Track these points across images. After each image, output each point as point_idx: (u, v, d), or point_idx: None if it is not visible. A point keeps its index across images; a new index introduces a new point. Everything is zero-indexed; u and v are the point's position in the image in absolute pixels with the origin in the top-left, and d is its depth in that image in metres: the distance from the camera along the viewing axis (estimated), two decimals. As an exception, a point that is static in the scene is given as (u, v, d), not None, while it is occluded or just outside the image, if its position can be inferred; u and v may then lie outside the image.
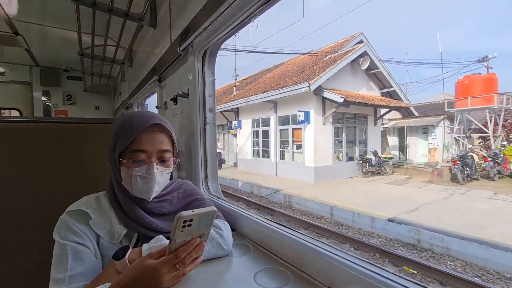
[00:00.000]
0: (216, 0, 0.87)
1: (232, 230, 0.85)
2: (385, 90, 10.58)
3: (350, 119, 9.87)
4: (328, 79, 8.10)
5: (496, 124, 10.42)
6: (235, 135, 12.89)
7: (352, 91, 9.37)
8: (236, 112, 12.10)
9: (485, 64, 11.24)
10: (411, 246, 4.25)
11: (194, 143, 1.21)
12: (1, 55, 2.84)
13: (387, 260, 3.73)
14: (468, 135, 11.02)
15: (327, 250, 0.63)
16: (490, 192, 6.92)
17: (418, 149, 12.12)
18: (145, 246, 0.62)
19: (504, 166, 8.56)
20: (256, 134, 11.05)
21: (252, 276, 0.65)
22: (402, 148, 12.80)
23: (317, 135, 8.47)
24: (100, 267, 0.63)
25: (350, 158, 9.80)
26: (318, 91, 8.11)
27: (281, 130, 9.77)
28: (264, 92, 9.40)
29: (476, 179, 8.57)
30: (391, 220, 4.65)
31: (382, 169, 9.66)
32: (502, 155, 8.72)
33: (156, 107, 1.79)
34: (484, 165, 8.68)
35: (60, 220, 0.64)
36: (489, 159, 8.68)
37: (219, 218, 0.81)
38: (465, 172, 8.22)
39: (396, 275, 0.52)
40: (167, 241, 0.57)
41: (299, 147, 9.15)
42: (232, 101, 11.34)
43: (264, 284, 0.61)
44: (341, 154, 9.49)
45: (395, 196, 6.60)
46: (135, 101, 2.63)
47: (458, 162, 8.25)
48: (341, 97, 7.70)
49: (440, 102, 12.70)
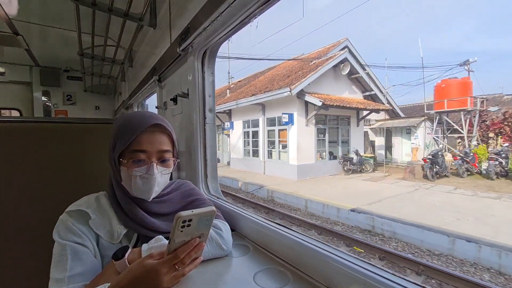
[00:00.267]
0: (216, 0, 0.87)
1: (232, 230, 0.85)
2: (367, 93, 11.19)
3: (333, 120, 10.57)
4: (309, 84, 8.76)
5: (471, 125, 11.00)
6: (228, 135, 13.31)
7: (334, 95, 10.09)
8: (229, 113, 12.57)
9: (466, 67, 11.84)
10: (367, 231, 4.90)
11: (194, 143, 1.21)
12: (1, 55, 2.85)
13: (342, 242, 4.32)
14: (445, 135, 11.68)
15: (327, 251, 0.63)
16: (451, 187, 7.56)
17: (402, 149, 12.84)
18: (144, 246, 0.61)
19: (473, 165, 9.10)
20: (246, 134, 11.71)
21: (252, 277, 0.64)
22: (389, 148, 13.52)
23: (300, 135, 9.16)
24: (99, 267, 0.63)
25: (334, 157, 10.45)
26: (301, 94, 8.77)
27: (268, 131, 10.47)
28: (253, 95, 10.09)
29: (446, 176, 9.15)
30: (353, 210, 5.31)
31: (363, 167, 10.25)
32: (472, 154, 9.30)
33: (156, 107, 1.79)
34: (453, 163, 9.34)
35: (60, 220, 0.64)
36: (458, 158, 9.28)
37: (219, 218, 0.81)
38: (434, 169, 8.78)
39: (396, 275, 0.52)
40: (167, 241, 0.57)
41: (284, 146, 9.81)
42: (225, 103, 11.81)
43: (263, 285, 0.61)
44: (324, 153, 10.19)
45: (366, 191, 7.26)
46: (135, 101, 2.63)
47: (428, 160, 8.84)
48: (320, 100, 8.37)
49: (421, 104, 13.39)
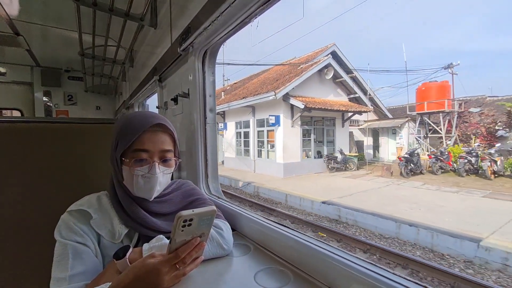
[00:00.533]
0: (217, 0, 0.87)
1: (233, 230, 0.85)
2: (352, 96, 11.90)
3: (319, 121, 11.20)
4: (294, 88, 9.46)
5: (450, 125, 11.71)
6: (222, 136, 13.79)
7: (320, 97, 10.84)
8: (223, 115, 13.09)
9: (449, 71, 12.55)
10: (334, 220, 5.56)
11: (195, 143, 1.21)
12: (2, 55, 2.85)
13: (309, 229, 4.88)
14: (427, 135, 12.37)
15: (328, 250, 0.63)
16: (420, 183, 8.19)
17: (389, 148, 13.57)
18: (145, 246, 0.62)
19: (447, 163, 9.69)
20: (239, 135, 12.43)
21: (253, 276, 0.65)
22: (376, 147, 14.34)
23: (286, 136, 9.85)
24: (101, 267, 0.63)
25: (320, 156, 11.14)
26: (286, 98, 9.47)
27: (258, 131, 11.15)
28: (243, 98, 10.81)
29: (421, 173, 9.75)
30: (324, 202, 5.98)
31: (347, 165, 10.91)
32: (447, 153, 9.94)
33: (157, 107, 1.79)
34: (428, 162, 9.99)
35: (61, 219, 0.64)
36: (432, 156, 9.93)
37: (220, 218, 0.81)
38: (409, 167, 9.43)
39: (396, 275, 0.52)
40: (168, 241, 0.57)
41: (272, 146, 10.51)
42: (219, 105, 12.28)
43: (264, 284, 0.61)
44: (310, 152, 10.87)
45: (343, 186, 7.89)
46: (136, 101, 2.64)
47: (403, 159, 9.52)
48: (303, 103, 9.07)
49: (405, 106, 14.13)
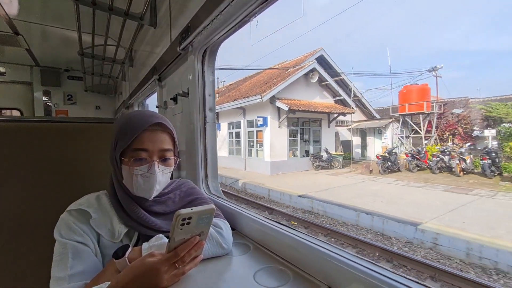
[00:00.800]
0: None
1: (232, 229, 0.85)
2: (337, 98, 12.64)
3: (306, 122, 11.90)
4: (279, 91, 10.19)
5: (431, 126, 12.34)
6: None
7: (306, 100, 11.58)
8: (217, 115, 13.27)
9: (433, 74, 13.14)
10: (307, 212, 6.13)
11: (194, 142, 1.21)
12: (2, 55, 2.85)
13: (284, 219, 5.39)
14: (409, 135, 13.12)
15: (327, 249, 0.63)
16: (393, 179, 8.84)
17: (375, 147, 14.13)
18: (145, 245, 0.62)
19: (423, 161, 10.27)
20: (231, 135, 13.11)
21: (252, 275, 0.64)
22: (364, 147, 15.10)
23: (273, 136, 10.58)
24: (100, 266, 0.63)
25: (308, 155, 11.85)
26: (273, 100, 10.21)
27: (248, 131, 11.79)
28: (234, 100, 11.56)
29: (399, 171, 10.39)
30: (300, 196, 6.59)
31: (332, 164, 11.53)
32: (423, 152, 10.56)
33: (157, 106, 1.79)
34: (405, 160, 10.60)
35: (61, 219, 0.64)
36: (409, 155, 10.58)
37: (219, 217, 0.81)
38: (385, 165, 10.04)
39: (396, 273, 0.52)
40: (167, 240, 0.57)
41: (261, 146, 11.17)
42: None
43: (264, 283, 0.61)
44: (297, 152, 11.56)
45: (323, 182, 8.43)
46: (136, 100, 2.63)
47: (380, 157, 10.18)
48: (287, 106, 9.80)
49: (393, 107, 14.85)
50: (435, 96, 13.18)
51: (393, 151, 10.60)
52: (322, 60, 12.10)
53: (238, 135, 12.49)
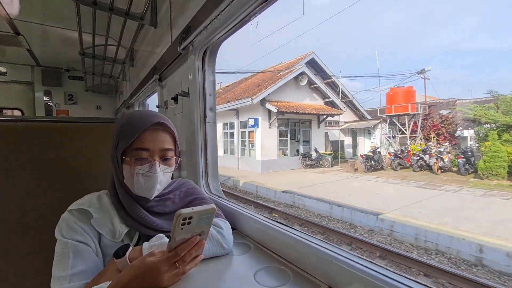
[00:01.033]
0: None
1: (233, 229, 0.85)
2: (327, 100, 13.14)
3: (296, 123, 12.51)
4: (271, 93, 10.73)
5: (416, 126, 12.89)
6: None
7: (295, 102, 12.03)
8: None
9: (422, 76, 13.61)
10: (290, 206, 6.66)
11: (195, 142, 1.21)
12: (3, 55, 2.86)
13: (267, 211, 5.86)
14: (396, 135, 13.69)
15: (328, 249, 0.63)
16: (374, 177, 9.31)
17: (365, 147, 14.57)
18: (145, 245, 0.62)
19: (406, 160, 10.80)
20: (225, 135, 13.68)
21: (252, 275, 0.65)
22: (355, 146, 15.66)
23: (264, 136, 11.12)
24: (101, 266, 0.63)
25: (298, 154, 12.43)
26: (263, 102, 10.76)
27: (241, 132, 12.34)
28: (227, 102, 12.09)
29: (383, 169, 10.85)
30: (283, 191, 7.16)
31: (321, 162, 11.94)
32: (406, 151, 11.17)
33: (157, 106, 1.79)
34: (389, 159, 11.11)
35: (62, 218, 0.65)
36: (392, 154, 11.10)
37: (220, 217, 0.81)
38: (369, 163, 10.52)
39: (397, 273, 0.52)
40: (168, 240, 0.57)
41: (253, 145, 11.73)
42: None
43: (264, 283, 0.61)
44: (287, 151, 12.17)
45: (308, 179, 8.92)
46: (136, 100, 2.64)
47: (364, 156, 10.64)
48: (276, 108, 10.39)
49: (382, 108, 15.28)
50: (425, 96, 13.74)
51: (377, 150, 11.14)
52: (314, 63, 12.78)
53: (232, 135, 13.07)
